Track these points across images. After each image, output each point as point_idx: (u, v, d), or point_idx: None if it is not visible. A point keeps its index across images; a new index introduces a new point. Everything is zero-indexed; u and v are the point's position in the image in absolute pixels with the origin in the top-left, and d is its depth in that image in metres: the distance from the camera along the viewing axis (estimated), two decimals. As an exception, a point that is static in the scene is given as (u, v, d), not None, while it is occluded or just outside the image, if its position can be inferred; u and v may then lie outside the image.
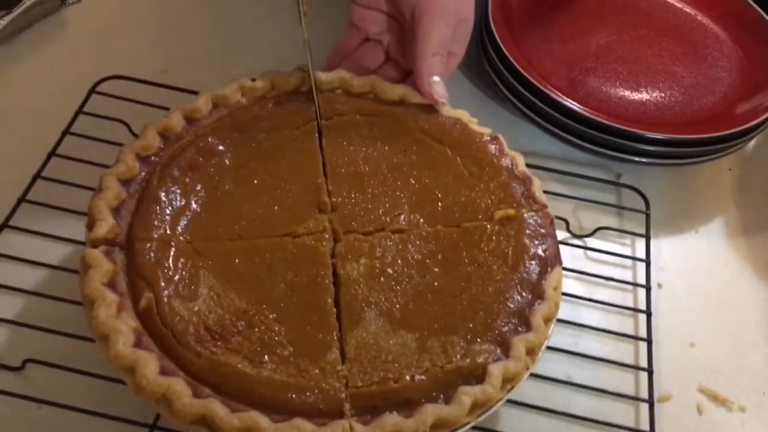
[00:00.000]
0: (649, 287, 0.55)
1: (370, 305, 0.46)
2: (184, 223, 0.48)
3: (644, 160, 0.61)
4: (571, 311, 0.54)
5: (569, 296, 0.54)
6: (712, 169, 0.65)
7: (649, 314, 0.54)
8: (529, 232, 0.50)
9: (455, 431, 0.42)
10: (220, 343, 0.43)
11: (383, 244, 0.49)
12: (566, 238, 0.58)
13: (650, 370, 0.51)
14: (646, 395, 0.50)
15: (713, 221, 0.63)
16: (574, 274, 0.56)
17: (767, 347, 0.55)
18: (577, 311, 0.54)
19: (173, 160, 0.51)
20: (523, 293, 0.47)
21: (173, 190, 0.49)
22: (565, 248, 0.54)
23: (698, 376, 0.53)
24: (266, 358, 0.43)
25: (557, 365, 0.51)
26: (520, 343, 0.44)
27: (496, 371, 0.43)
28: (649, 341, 0.52)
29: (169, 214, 0.48)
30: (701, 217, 0.63)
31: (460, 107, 0.56)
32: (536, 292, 0.47)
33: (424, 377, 0.43)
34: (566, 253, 0.53)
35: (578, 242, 0.59)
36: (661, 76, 0.67)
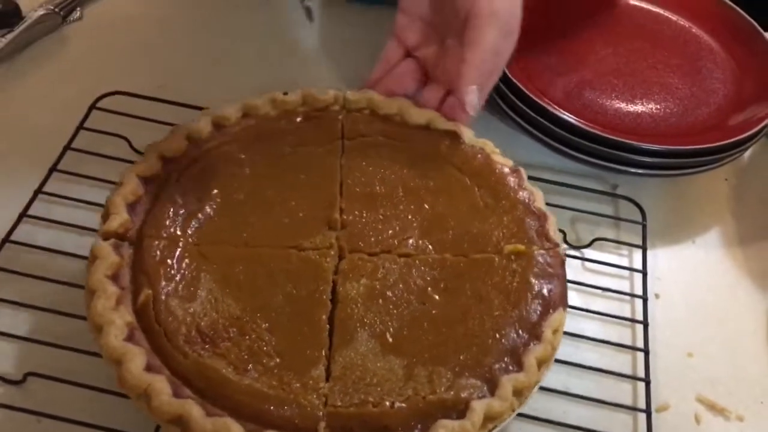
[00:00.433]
0: (646, 298, 0.56)
1: (363, 326, 0.46)
2: (194, 225, 0.49)
3: (640, 171, 0.62)
4: (569, 322, 0.53)
5: (568, 307, 0.54)
6: (708, 179, 0.65)
7: (646, 325, 0.54)
8: (536, 270, 0.49)
9: None
10: (208, 346, 0.44)
11: (387, 266, 0.49)
12: (564, 249, 0.58)
13: (647, 380, 0.51)
14: (643, 405, 0.50)
15: (710, 231, 0.63)
16: (572, 285, 0.56)
17: (765, 357, 0.55)
18: (575, 322, 0.54)
19: (194, 162, 0.52)
20: (520, 332, 0.46)
21: (189, 192, 0.50)
22: (562, 259, 0.54)
23: (696, 385, 0.53)
24: (251, 366, 0.43)
25: (555, 375, 0.51)
26: (508, 382, 0.43)
27: (478, 408, 0.42)
28: (646, 351, 0.53)
29: (181, 215, 0.49)
30: (698, 227, 0.63)
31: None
32: (534, 332, 0.46)
33: (404, 405, 0.43)
34: (563, 263, 0.53)
35: (576, 253, 0.59)
36: (656, 88, 0.68)
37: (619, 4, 0.75)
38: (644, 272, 0.57)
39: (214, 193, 0.51)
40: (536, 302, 0.47)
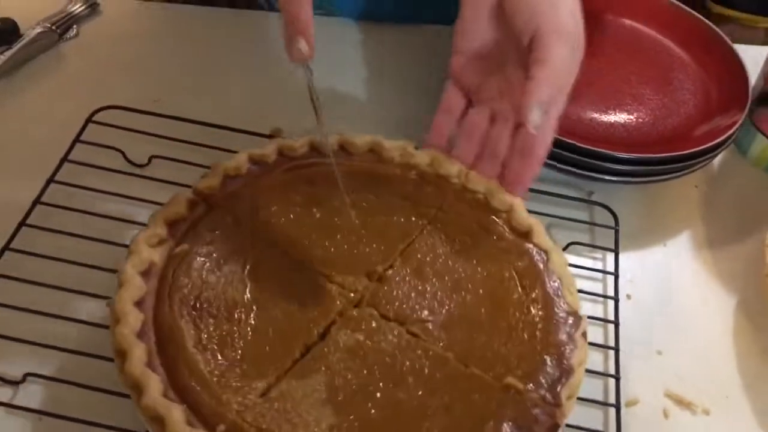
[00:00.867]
0: (617, 299, 0.58)
1: (326, 372, 0.46)
2: (264, 215, 0.53)
3: (614, 178, 0.65)
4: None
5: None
6: (679, 186, 0.68)
7: (617, 324, 0.57)
8: (519, 417, 0.45)
9: None
10: (195, 313, 0.47)
11: (389, 335, 0.48)
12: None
13: (617, 376, 0.54)
14: (613, 400, 0.53)
15: (680, 235, 0.66)
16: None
17: (732, 355, 0.58)
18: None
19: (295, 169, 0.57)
20: None
21: (283, 189, 0.55)
22: (537, 262, 0.56)
23: (665, 382, 0.56)
24: (211, 348, 0.46)
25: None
26: None
27: None
28: (616, 350, 0.55)
29: (261, 205, 0.54)
30: (669, 231, 0.66)
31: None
32: None
33: None
34: (538, 267, 0.56)
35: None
36: (629, 98, 0.71)
37: (591, 16, 0.77)
38: (616, 275, 0.60)
39: (295, 196, 0.55)
40: None
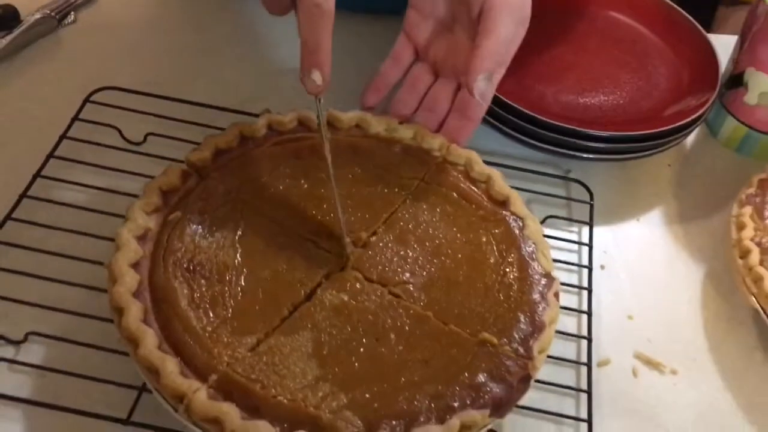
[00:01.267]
0: (591, 268, 0.61)
1: (312, 329, 0.49)
2: (250, 187, 0.56)
3: (590, 156, 0.68)
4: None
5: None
6: (652, 164, 0.71)
7: (590, 291, 0.60)
8: (492, 367, 0.48)
9: None
10: (188, 275, 0.50)
11: (372, 295, 0.51)
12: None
13: (590, 338, 0.57)
14: (586, 360, 0.56)
15: (653, 211, 0.69)
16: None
17: (699, 320, 0.61)
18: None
19: (283, 143, 0.60)
20: (433, 409, 0.45)
21: (269, 160, 0.58)
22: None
23: (635, 344, 0.59)
24: (203, 306, 0.49)
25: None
26: None
27: None
28: (589, 314, 0.58)
29: (244, 178, 0.56)
30: (642, 207, 0.69)
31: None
32: (442, 418, 0.45)
33: (284, 402, 0.45)
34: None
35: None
36: (605, 81, 0.74)
37: (572, 6, 0.81)
38: (590, 246, 0.63)
39: (283, 168, 0.57)
40: (469, 393, 0.46)
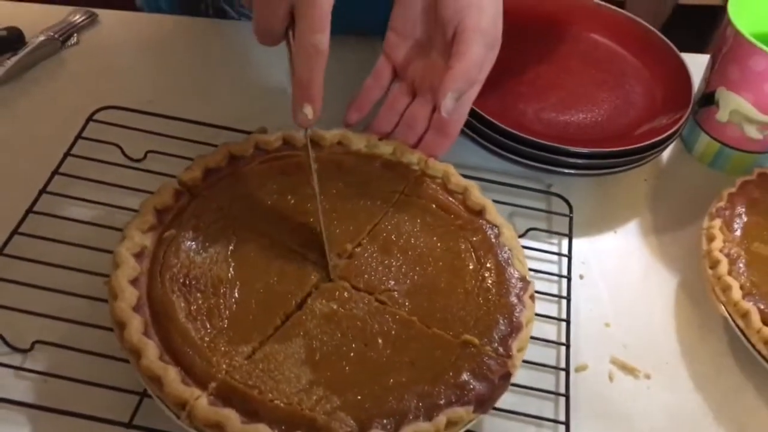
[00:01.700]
0: (569, 277, 0.64)
1: (304, 336, 0.51)
2: (239, 205, 0.58)
3: (570, 171, 0.71)
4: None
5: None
6: (630, 179, 0.75)
7: (569, 299, 0.63)
8: (475, 366, 0.51)
9: None
10: (184, 289, 0.52)
11: (360, 303, 0.54)
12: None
13: (568, 344, 0.60)
14: (564, 365, 0.59)
15: (629, 223, 0.72)
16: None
17: (671, 327, 0.64)
18: (508, 298, 0.63)
19: (271, 161, 0.63)
20: (421, 408, 0.48)
21: (256, 180, 0.61)
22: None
23: (611, 350, 0.62)
24: (200, 318, 0.51)
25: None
26: (409, 429, 0.47)
27: None
28: (567, 321, 0.61)
29: (233, 198, 0.59)
30: (619, 220, 0.72)
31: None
32: (429, 416, 0.48)
33: (281, 405, 0.47)
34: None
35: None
36: (584, 100, 0.77)
37: (554, 28, 0.84)
38: (569, 257, 0.66)
39: (271, 185, 0.60)
40: (454, 391, 0.49)
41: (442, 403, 0.49)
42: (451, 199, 0.62)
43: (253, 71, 0.80)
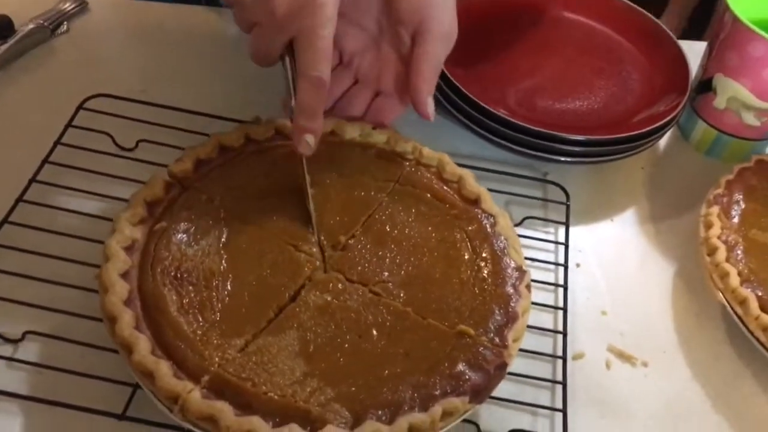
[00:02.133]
0: (567, 266, 0.64)
1: (298, 329, 0.51)
2: (234, 194, 0.58)
3: (567, 159, 0.70)
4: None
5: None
6: (626, 167, 0.74)
7: (566, 288, 0.62)
8: (470, 357, 0.50)
9: None
10: (176, 282, 0.52)
11: (354, 294, 0.53)
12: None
13: (565, 333, 0.59)
14: (561, 353, 0.58)
15: (626, 212, 0.72)
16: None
17: (669, 315, 0.64)
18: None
19: (261, 152, 0.62)
20: (416, 399, 0.48)
21: (246, 169, 0.60)
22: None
23: (608, 338, 0.61)
24: (192, 311, 0.51)
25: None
26: (404, 420, 0.46)
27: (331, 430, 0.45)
28: (564, 310, 0.61)
29: (227, 188, 0.58)
30: (616, 208, 0.72)
31: (407, 118, 0.64)
32: (425, 406, 0.48)
33: (275, 398, 0.47)
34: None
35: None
36: (581, 88, 0.77)
37: (550, 15, 0.84)
38: (566, 245, 0.65)
39: (262, 176, 0.59)
40: (449, 382, 0.49)
41: (437, 393, 0.48)
42: (446, 188, 0.62)
43: (247, 60, 0.79)
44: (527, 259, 0.63)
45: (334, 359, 0.50)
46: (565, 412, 0.55)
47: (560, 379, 0.57)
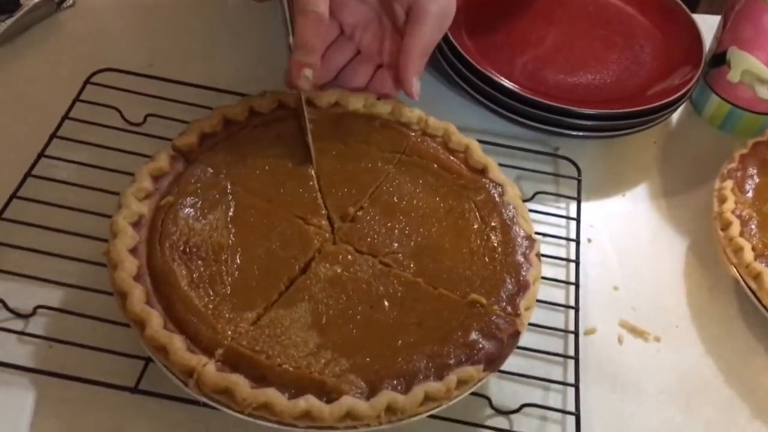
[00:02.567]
0: (578, 241, 0.63)
1: (309, 300, 0.51)
2: (239, 168, 0.58)
3: (578, 134, 0.70)
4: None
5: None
6: (638, 142, 0.74)
7: (577, 263, 0.62)
8: (483, 325, 0.50)
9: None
10: (185, 257, 0.52)
11: (364, 265, 0.53)
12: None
13: (577, 308, 0.59)
14: (573, 328, 0.58)
15: (638, 186, 0.71)
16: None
17: (682, 291, 0.63)
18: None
19: (271, 122, 0.62)
20: (431, 368, 0.48)
21: (255, 142, 0.60)
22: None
23: (620, 313, 0.61)
24: (203, 286, 0.50)
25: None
26: (420, 389, 0.46)
27: (347, 402, 0.45)
28: (576, 285, 0.60)
29: (232, 158, 0.58)
30: (628, 183, 0.71)
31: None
32: (440, 375, 0.48)
33: (290, 369, 0.47)
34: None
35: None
36: (593, 61, 0.76)
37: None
38: (578, 219, 0.65)
39: (268, 149, 0.59)
40: (463, 351, 0.49)
41: (451, 362, 0.49)
42: (452, 158, 0.61)
43: (255, 34, 0.78)
44: (538, 234, 0.63)
45: (346, 330, 0.50)
46: (577, 386, 0.55)
47: (572, 354, 0.56)
